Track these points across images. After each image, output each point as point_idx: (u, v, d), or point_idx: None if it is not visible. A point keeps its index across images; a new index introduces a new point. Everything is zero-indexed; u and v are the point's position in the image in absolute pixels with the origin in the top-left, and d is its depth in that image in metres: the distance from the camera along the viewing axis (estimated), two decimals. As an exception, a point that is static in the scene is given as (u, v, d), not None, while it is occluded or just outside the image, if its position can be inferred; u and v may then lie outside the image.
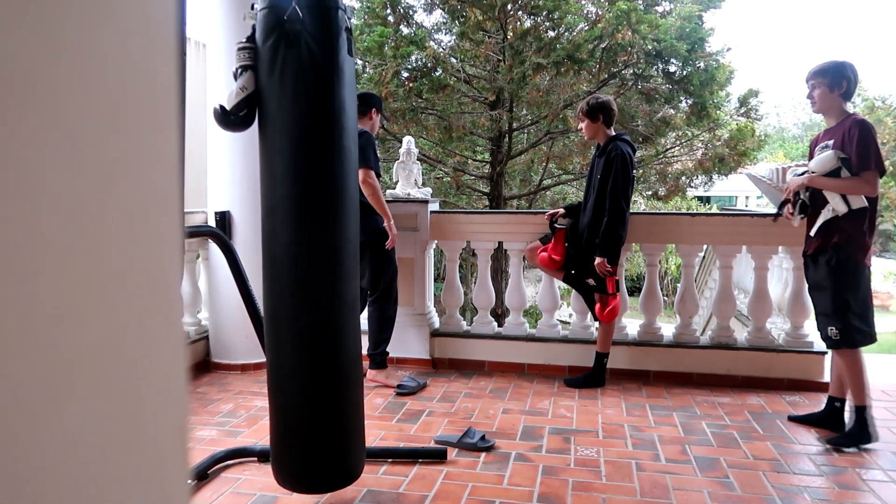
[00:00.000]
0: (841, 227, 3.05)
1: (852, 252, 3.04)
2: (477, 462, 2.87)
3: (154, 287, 0.43)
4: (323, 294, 2.24)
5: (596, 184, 3.86)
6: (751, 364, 4.06)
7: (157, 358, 0.43)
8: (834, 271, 3.07)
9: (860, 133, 3.00)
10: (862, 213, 3.03)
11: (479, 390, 3.92)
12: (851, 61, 3.15)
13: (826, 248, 3.10)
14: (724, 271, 4.26)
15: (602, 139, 3.91)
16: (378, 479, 2.69)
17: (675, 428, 3.30)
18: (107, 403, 0.39)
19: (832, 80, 3.10)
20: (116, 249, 0.40)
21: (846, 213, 3.03)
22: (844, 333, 3.06)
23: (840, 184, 3.03)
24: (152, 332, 0.43)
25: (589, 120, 3.88)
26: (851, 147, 3.00)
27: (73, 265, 0.37)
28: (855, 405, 3.11)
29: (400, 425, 3.34)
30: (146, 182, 0.43)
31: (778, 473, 2.76)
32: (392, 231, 3.86)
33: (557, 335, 4.40)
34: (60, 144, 0.36)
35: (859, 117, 3.07)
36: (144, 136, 0.43)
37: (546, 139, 10.67)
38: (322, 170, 2.19)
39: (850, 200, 3.02)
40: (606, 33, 8.49)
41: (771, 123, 38.79)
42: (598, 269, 3.78)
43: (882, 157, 3.00)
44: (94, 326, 0.39)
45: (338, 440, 2.30)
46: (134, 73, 0.42)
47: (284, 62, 2.12)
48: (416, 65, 9.70)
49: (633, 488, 2.61)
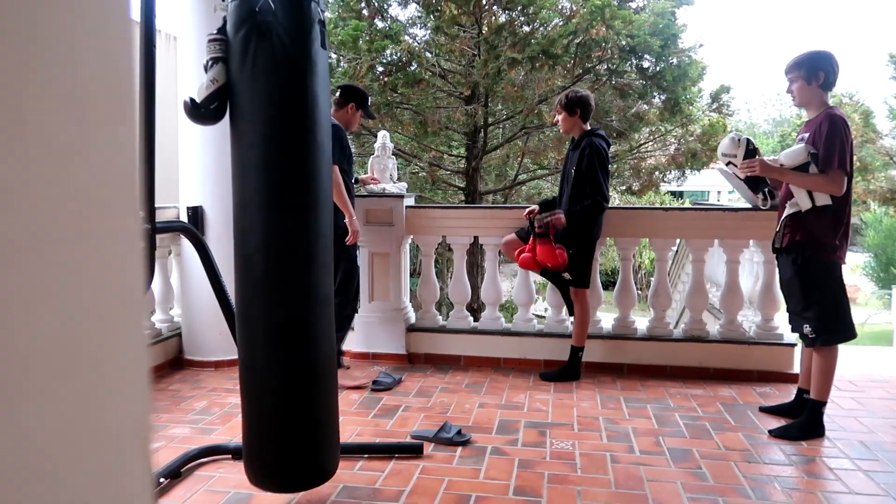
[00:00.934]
0: (804, 225, 3.03)
1: (817, 251, 3.02)
2: (453, 456, 2.87)
3: (112, 280, 0.42)
4: (296, 289, 2.22)
5: (570, 177, 3.88)
6: (723, 356, 4.12)
7: (117, 354, 0.42)
8: (800, 271, 3.07)
9: (829, 129, 2.95)
10: (825, 211, 2.99)
11: (456, 385, 3.93)
12: (829, 51, 3.09)
13: (791, 246, 3.09)
14: (696, 265, 4.31)
15: (577, 133, 3.93)
16: (354, 474, 2.68)
17: (649, 420, 3.34)
18: (63, 402, 0.38)
19: (808, 71, 3.03)
20: (70, 241, 0.39)
21: (809, 209, 3.00)
22: (818, 331, 3.06)
23: (805, 180, 3.01)
24: (111, 327, 0.42)
25: (566, 113, 3.88)
26: (821, 142, 2.96)
27: (22, 257, 0.36)
28: (814, 399, 3.14)
29: (376, 420, 3.33)
30: (103, 172, 0.42)
31: (749, 463, 2.81)
32: (353, 227, 3.83)
33: (533, 329, 4.42)
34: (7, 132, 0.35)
35: (834, 111, 3.00)
36: (101, 124, 0.41)
37: (521, 134, 10.70)
38: (295, 164, 2.17)
39: (814, 197, 2.99)
40: (581, 29, 8.53)
41: (742, 119, 39.41)
42: (557, 221, 3.77)
43: (847, 156, 2.93)
44: (47, 322, 0.37)
45: (311, 438, 2.28)
46: (88, 57, 0.40)
47: (256, 54, 2.09)
48: (391, 59, 9.64)
49: (608, 480, 2.64)
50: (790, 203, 3.10)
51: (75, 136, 0.39)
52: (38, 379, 0.37)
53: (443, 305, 10.23)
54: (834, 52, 3.09)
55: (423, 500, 2.46)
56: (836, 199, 2.98)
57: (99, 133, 0.41)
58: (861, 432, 3.18)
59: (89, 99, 0.40)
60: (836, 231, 3.01)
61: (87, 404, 0.40)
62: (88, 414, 0.40)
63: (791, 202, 3.09)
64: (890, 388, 3.88)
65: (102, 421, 0.41)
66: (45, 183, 0.37)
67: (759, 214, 3.99)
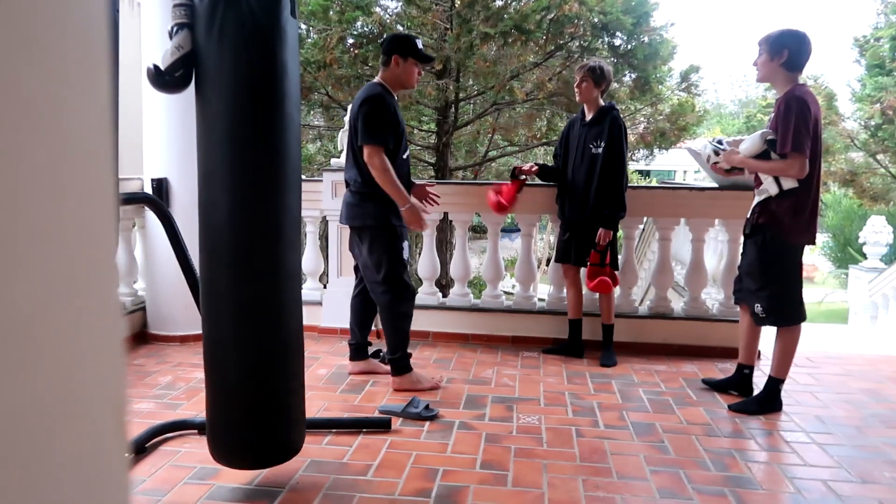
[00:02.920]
0: (769, 208, 3.07)
1: (778, 232, 3.06)
2: (421, 431, 2.89)
3: (85, 246, 0.40)
4: (263, 264, 2.19)
5: (589, 153, 3.77)
6: (686, 333, 4.20)
7: (91, 324, 0.40)
8: (759, 250, 3.13)
9: (784, 111, 2.93)
10: (791, 194, 3.01)
11: (424, 360, 3.94)
12: (803, 32, 3.03)
13: (756, 228, 3.14)
14: (663, 243, 4.37)
15: (593, 107, 3.83)
16: (322, 449, 2.68)
17: (614, 395, 3.40)
18: (35, 376, 0.36)
19: (772, 46, 3.01)
20: (40, 202, 0.37)
21: (777, 193, 3.03)
22: (769, 312, 3.15)
23: (768, 166, 3.02)
24: (85, 297, 0.40)
25: (593, 82, 3.76)
26: (780, 125, 2.95)
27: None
28: (773, 376, 3.22)
29: (344, 396, 3.33)
30: (74, 129, 0.39)
31: (709, 437, 2.89)
32: (411, 215, 3.28)
33: (501, 306, 4.45)
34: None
35: (793, 92, 2.97)
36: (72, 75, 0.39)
37: (492, 110, 10.65)
38: (262, 136, 2.12)
39: (781, 182, 3.01)
40: (554, 4, 8.47)
41: (709, 100, 39.78)
42: (602, 239, 3.75)
43: (805, 137, 2.89)
44: (17, 290, 0.35)
45: (277, 414, 2.27)
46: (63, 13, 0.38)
47: (224, 21, 2.02)
48: (361, 31, 9.48)
49: (573, 454, 2.68)
50: (759, 190, 3.15)
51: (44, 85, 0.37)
52: (8, 352, 0.35)
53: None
54: (808, 34, 3.06)
55: (391, 474, 2.47)
56: (801, 181, 2.98)
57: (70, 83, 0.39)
58: (816, 407, 3.29)
59: (63, 58, 0.38)
60: (799, 214, 3.02)
61: (60, 378, 0.38)
62: (62, 388, 0.38)
63: (760, 189, 3.13)
64: (844, 365, 4.01)
65: (77, 394, 0.39)
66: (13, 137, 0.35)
67: (725, 194, 4.06)
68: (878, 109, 14.52)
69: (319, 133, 11.75)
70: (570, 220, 3.94)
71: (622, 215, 3.85)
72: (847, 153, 17.47)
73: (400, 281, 3.35)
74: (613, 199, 3.75)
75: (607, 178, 3.74)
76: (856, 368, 3.95)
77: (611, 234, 3.78)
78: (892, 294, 8.46)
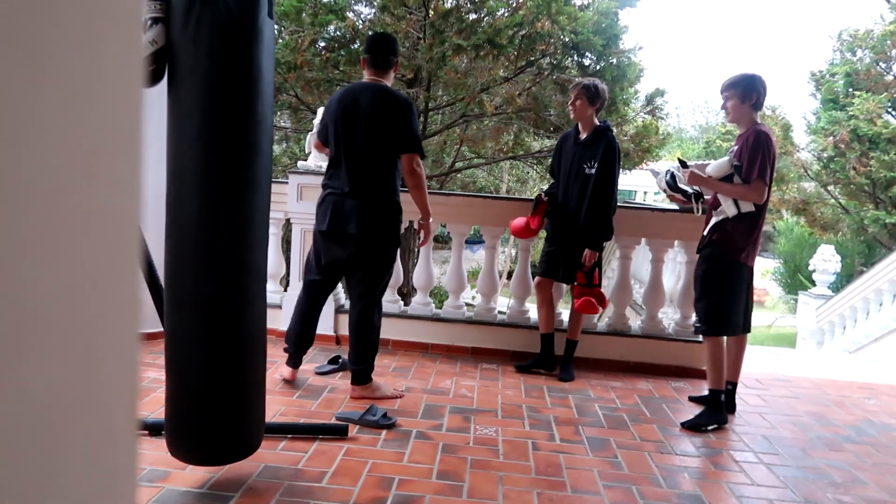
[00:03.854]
0: (725, 228, 3.29)
1: (727, 250, 3.29)
2: (378, 439, 2.87)
3: (112, 231, 0.39)
4: (229, 263, 2.16)
5: (582, 174, 3.79)
6: (642, 351, 4.28)
7: (114, 311, 0.40)
8: (706, 263, 3.36)
9: (754, 142, 3.19)
10: (747, 217, 3.25)
11: (383, 368, 3.93)
12: (759, 74, 3.33)
13: (707, 245, 3.36)
14: (623, 262, 4.46)
15: (587, 126, 3.84)
16: (277, 454, 2.64)
17: (570, 409, 3.44)
18: (62, 362, 0.36)
19: (744, 92, 3.26)
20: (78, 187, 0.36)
21: (735, 215, 3.25)
22: (702, 321, 3.36)
23: (731, 189, 3.25)
24: (111, 281, 0.39)
25: (587, 100, 3.78)
26: (746, 155, 3.20)
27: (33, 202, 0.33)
28: (710, 388, 3.40)
29: (301, 401, 3.30)
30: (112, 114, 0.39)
31: (662, 454, 2.94)
32: (429, 229, 3.49)
33: (462, 317, 4.46)
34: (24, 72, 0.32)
35: (761, 128, 3.25)
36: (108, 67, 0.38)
37: (461, 122, 10.71)
38: (234, 135, 2.10)
39: (740, 204, 3.25)
40: (527, 21, 8.59)
41: (672, 123, 40.75)
42: (588, 260, 3.78)
43: (768, 168, 3.18)
44: (53, 271, 0.35)
45: (237, 411, 2.24)
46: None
47: (200, 18, 2.00)
48: (334, 35, 9.45)
49: (529, 467, 2.70)
50: (717, 211, 3.34)
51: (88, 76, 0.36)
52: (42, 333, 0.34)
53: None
54: (759, 67, 3.31)
55: (346, 482, 2.45)
56: (757, 206, 3.25)
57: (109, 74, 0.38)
58: (764, 427, 3.38)
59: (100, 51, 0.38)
60: (751, 235, 3.29)
61: (83, 365, 0.38)
62: (84, 376, 0.38)
63: (718, 210, 3.33)
64: (792, 388, 4.14)
65: (97, 383, 0.39)
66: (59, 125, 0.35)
67: (685, 216, 4.15)
68: (830, 142, 15.07)
69: (286, 135, 11.63)
70: (558, 234, 3.96)
71: (609, 237, 3.93)
72: (800, 182, 18.07)
73: (384, 292, 3.40)
74: (602, 221, 3.79)
75: (597, 200, 3.78)
76: (803, 391, 4.08)
77: (597, 255, 3.83)
78: (838, 321, 8.76)
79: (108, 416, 0.40)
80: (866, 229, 15.20)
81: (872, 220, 14.68)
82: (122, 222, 0.40)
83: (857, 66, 15.25)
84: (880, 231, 15.01)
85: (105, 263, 0.39)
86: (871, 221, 14.76)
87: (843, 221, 16.32)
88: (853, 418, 3.64)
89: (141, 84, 0.41)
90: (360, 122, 3.14)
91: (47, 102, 0.34)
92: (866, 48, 15.24)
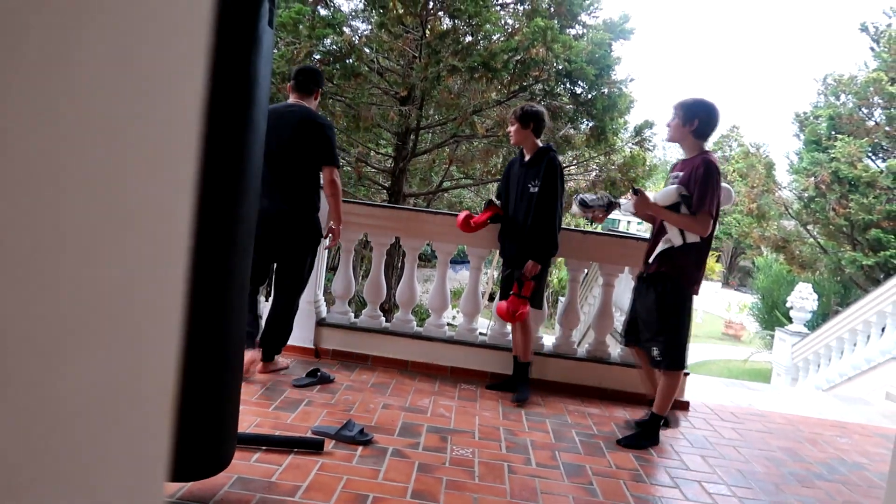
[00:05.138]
0: (673, 259, 3.28)
1: (680, 283, 3.30)
2: (353, 455, 2.85)
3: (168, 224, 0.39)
4: (213, 272, 2.15)
5: (528, 193, 3.84)
6: (621, 378, 4.29)
7: (158, 309, 0.40)
8: (661, 298, 3.33)
9: (704, 174, 3.16)
10: (693, 248, 3.24)
11: (361, 384, 3.90)
12: (717, 105, 3.28)
13: (657, 276, 3.35)
14: (606, 289, 4.48)
15: (530, 148, 3.90)
16: (250, 466, 2.60)
17: (547, 434, 3.43)
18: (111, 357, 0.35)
19: (685, 114, 3.25)
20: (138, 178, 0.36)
21: (680, 245, 3.24)
22: (664, 355, 3.36)
23: (677, 219, 3.23)
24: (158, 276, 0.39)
25: (520, 125, 3.86)
26: (696, 186, 3.17)
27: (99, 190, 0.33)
28: (654, 412, 3.47)
29: (277, 413, 3.26)
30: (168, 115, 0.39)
31: (637, 483, 2.94)
32: (338, 234, 3.90)
33: (443, 335, 4.45)
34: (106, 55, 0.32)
35: (709, 157, 3.21)
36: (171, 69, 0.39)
37: (451, 142, 10.79)
38: (227, 143, 2.10)
39: (685, 235, 3.23)
40: (522, 47, 8.71)
41: (658, 155, 41.27)
42: (529, 271, 3.77)
43: (715, 200, 3.16)
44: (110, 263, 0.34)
45: (210, 427, 2.20)
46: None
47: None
48: (330, 48, 9.51)
49: (504, 490, 2.69)
50: (664, 239, 3.32)
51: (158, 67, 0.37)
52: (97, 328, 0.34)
53: (352, 303, 10.14)
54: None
55: (319, 497, 2.42)
56: (703, 237, 3.23)
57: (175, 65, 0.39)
58: (738, 461, 3.40)
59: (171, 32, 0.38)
60: (699, 266, 3.31)
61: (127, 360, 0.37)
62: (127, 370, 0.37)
63: (665, 238, 3.31)
64: (766, 422, 4.17)
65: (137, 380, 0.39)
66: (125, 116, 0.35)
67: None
68: (812, 183, 15.35)
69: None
70: (510, 257, 3.98)
71: (553, 252, 3.93)
72: (780, 220, 18.35)
73: (304, 286, 3.90)
74: (545, 235, 3.81)
75: (540, 215, 3.80)
76: (777, 427, 4.11)
77: (538, 267, 3.81)
78: (812, 359, 8.86)
79: (146, 410, 0.39)
80: (843, 270, 15.45)
81: (850, 261, 14.93)
82: (175, 219, 0.40)
83: (840, 111, 15.61)
84: (857, 272, 15.26)
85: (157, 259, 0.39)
86: (848, 262, 15.01)
87: (821, 261, 16.58)
88: (825, 456, 3.67)
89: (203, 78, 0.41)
90: (283, 139, 3.51)
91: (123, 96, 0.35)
92: (850, 93, 15.62)
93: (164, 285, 0.39)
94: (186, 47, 0.38)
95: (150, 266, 0.38)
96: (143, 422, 0.39)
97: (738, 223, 26.46)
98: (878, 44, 15.55)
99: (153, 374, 0.39)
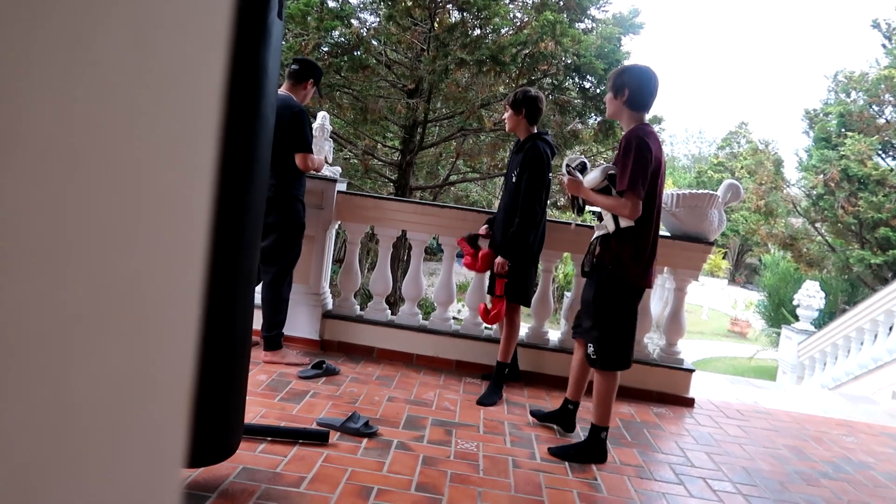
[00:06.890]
0: (610, 247, 2.95)
1: (618, 276, 2.93)
2: (358, 447, 2.85)
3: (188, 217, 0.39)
4: (220, 262, 2.15)
5: (510, 183, 3.73)
6: (626, 375, 4.25)
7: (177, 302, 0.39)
8: (597, 291, 3.00)
9: (623, 150, 2.82)
10: (629, 234, 2.89)
11: (367, 376, 3.91)
12: (650, 70, 2.92)
13: (596, 266, 3.02)
14: (612, 285, 4.46)
15: (522, 134, 3.74)
16: (255, 457, 2.62)
17: (552, 429, 3.43)
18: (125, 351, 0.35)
19: (614, 85, 2.92)
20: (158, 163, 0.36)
21: (614, 230, 2.92)
22: (598, 353, 3.03)
23: (603, 201, 2.91)
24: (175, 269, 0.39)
25: (512, 111, 3.69)
26: (618, 163, 2.85)
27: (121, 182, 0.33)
28: (594, 423, 3.08)
29: (282, 404, 3.27)
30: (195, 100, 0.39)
31: (641, 479, 2.94)
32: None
33: (449, 329, 4.45)
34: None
35: (635, 132, 2.84)
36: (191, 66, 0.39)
37: (458, 135, 10.76)
38: (235, 134, 2.10)
39: (619, 220, 2.90)
40: (531, 40, 8.67)
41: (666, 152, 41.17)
42: (497, 267, 3.62)
43: (640, 177, 2.77)
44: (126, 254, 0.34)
45: (218, 414, 2.22)
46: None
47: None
48: (338, 41, 9.49)
49: (509, 484, 2.69)
50: (598, 226, 3.05)
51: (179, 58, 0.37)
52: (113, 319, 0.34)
53: (358, 295, 10.15)
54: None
55: (324, 488, 2.43)
56: (637, 222, 2.87)
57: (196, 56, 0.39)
58: (744, 458, 3.39)
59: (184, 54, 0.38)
60: (639, 256, 2.91)
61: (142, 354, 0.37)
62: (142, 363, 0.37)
63: (600, 224, 3.03)
64: (772, 420, 4.16)
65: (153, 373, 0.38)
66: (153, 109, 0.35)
67: (675, 243, 4.19)
68: (821, 180, 15.26)
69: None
70: (493, 250, 3.81)
71: (523, 247, 3.63)
72: (788, 218, 18.26)
73: (291, 268, 3.93)
74: (517, 229, 3.58)
75: (514, 208, 3.62)
76: (782, 425, 4.10)
77: (506, 264, 3.59)
78: (818, 357, 8.83)
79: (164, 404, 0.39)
80: (851, 268, 15.37)
81: (857, 259, 14.86)
82: (193, 211, 0.40)
83: (850, 108, 15.50)
84: (864, 271, 15.18)
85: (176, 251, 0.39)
86: (856, 261, 14.93)
87: (829, 259, 16.50)
88: (831, 454, 3.66)
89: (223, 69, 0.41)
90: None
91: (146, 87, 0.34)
92: (860, 90, 15.50)
93: (182, 277, 0.39)
94: (206, 38, 0.38)
95: (169, 258, 0.38)
96: (160, 415, 0.39)
97: (746, 220, 26.36)
98: (889, 40, 15.43)
99: (171, 367, 0.39)
